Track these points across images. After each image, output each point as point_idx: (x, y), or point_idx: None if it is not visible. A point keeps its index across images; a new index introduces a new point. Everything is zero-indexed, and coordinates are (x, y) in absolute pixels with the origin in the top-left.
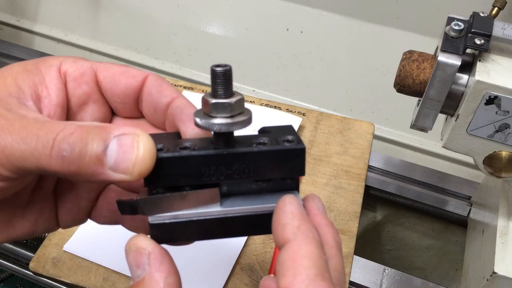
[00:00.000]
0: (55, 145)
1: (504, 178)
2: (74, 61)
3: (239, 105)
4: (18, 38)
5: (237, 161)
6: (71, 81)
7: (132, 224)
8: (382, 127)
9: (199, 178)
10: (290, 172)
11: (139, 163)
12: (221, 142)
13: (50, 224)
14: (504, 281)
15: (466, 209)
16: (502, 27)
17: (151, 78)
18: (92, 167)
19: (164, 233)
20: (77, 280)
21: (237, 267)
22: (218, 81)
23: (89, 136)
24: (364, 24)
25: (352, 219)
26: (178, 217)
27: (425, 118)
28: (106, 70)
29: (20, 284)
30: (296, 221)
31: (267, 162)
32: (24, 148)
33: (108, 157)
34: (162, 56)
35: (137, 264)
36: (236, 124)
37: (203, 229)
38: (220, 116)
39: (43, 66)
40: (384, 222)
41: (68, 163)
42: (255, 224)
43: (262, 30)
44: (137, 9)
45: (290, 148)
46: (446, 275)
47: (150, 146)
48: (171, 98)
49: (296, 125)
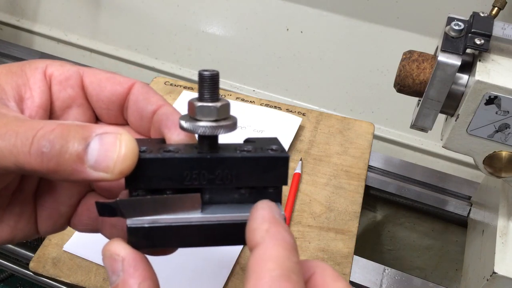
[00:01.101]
0: (34, 142)
1: (504, 178)
2: (60, 64)
3: (224, 110)
4: (18, 38)
5: (220, 166)
6: (56, 84)
7: (112, 232)
8: (382, 127)
9: (181, 182)
10: (273, 181)
11: (120, 162)
12: (205, 146)
13: (30, 230)
14: (504, 281)
15: (466, 209)
16: (502, 27)
17: (138, 86)
18: (72, 165)
19: (142, 238)
20: (77, 280)
21: (237, 267)
22: (205, 85)
23: (70, 134)
24: (364, 24)
25: (352, 219)
26: (158, 221)
27: (425, 118)
28: (93, 75)
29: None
30: (266, 224)
31: (250, 168)
32: (2, 145)
33: (89, 155)
34: (162, 56)
35: (112, 270)
36: (221, 128)
37: (183, 235)
38: (205, 119)
39: (28, 69)
40: (384, 222)
41: (48, 160)
42: (235, 233)
43: (262, 30)
44: (137, 9)
45: (274, 156)
46: (446, 275)
47: (132, 145)
48: (157, 105)
49: (296, 125)
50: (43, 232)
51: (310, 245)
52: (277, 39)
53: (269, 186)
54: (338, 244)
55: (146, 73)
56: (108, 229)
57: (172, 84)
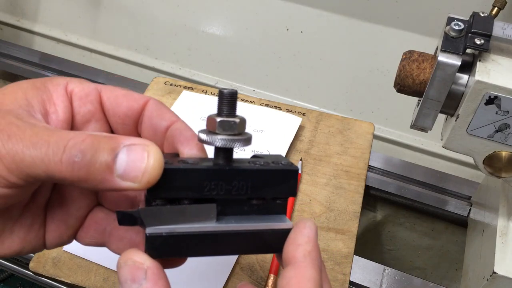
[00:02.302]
0: (66, 151)
1: (504, 178)
2: (80, 81)
3: (242, 126)
4: (18, 38)
5: (236, 178)
6: (77, 100)
7: (119, 246)
8: (382, 127)
9: (200, 192)
10: (283, 192)
11: (149, 172)
12: (221, 159)
13: (38, 242)
14: (504, 281)
15: (466, 209)
16: (502, 27)
17: (152, 103)
18: (101, 174)
19: (160, 246)
20: (77, 280)
21: (237, 267)
22: (224, 102)
23: (99, 145)
24: (364, 24)
25: (352, 219)
26: (175, 230)
27: (425, 118)
28: (110, 92)
29: (20, 284)
30: (310, 246)
31: (264, 180)
32: (34, 154)
33: (118, 165)
34: (162, 56)
35: (132, 279)
36: (239, 141)
37: (199, 244)
38: (224, 133)
39: (50, 85)
40: (384, 222)
41: (78, 169)
42: (249, 242)
43: (262, 30)
44: (137, 9)
45: (286, 168)
46: (446, 275)
47: (159, 156)
48: (170, 121)
49: (296, 125)
50: (50, 245)
51: None
52: (277, 39)
53: (279, 197)
54: (338, 244)
55: (146, 73)
56: (115, 242)
57: (172, 84)
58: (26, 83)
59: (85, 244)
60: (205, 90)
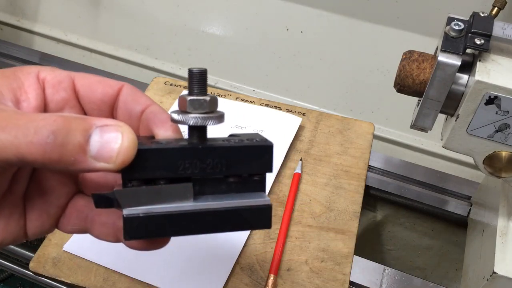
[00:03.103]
0: (37, 133)
1: (504, 178)
2: (52, 69)
3: (213, 103)
4: (18, 38)
5: (210, 155)
6: (50, 88)
7: (102, 231)
8: (382, 127)
9: (175, 171)
10: (259, 168)
11: (123, 152)
12: (195, 138)
13: (19, 232)
14: (504, 281)
15: (466, 209)
16: (502, 27)
17: (127, 88)
18: (74, 155)
19: (138, 227)
20: (77, 280)
21: (237, 267)
22: (194, 81)
23: (71, 125)
24: (364, 24)
25: (352, 219)
26: (153, 211)
27: (425, 118)
28: (84, 79)
29: (20, 284)
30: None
31: (238, 157)
32: (3, 137)
33: (91, 146)
34: (162, 56)
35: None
36: (211, 119)
37: (177, 224)
38: (196, 112)
39: (21, 73)
40: (384, 222)
41: (50, 151)
42: (227, 220)
43: (262, 30)
44: (137, 9)
45: (260, 144)
46: (446, 275)
47: (132, 136)
48: (145, 105)
49: (296, 125)
50: (31, 234)
51: (310, 245)
52: (277, 39)
53: (256, 173)
54: (338, 244)
55: (146, 73)
56: (98, 228)
57: (172, 84)
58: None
59: (67, 232)
60: None
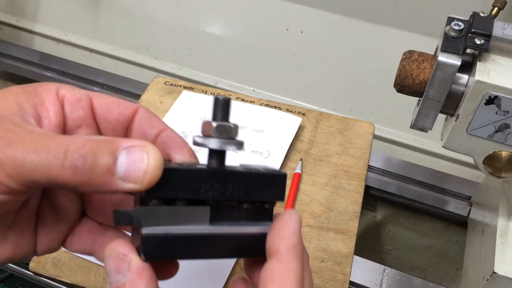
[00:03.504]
0: (67, 156)
1: (504, 178)
2: (71, 88)
3: (235, 130)
4: (18, 38)
5: (231, 180)
6: (68, 105)
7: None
8: (382, 127)
9: (196, 193)
10: (272, 196)
11: (150, 172)
12: (214, 162)
13: (30, 248)
14: (504, 281)
15: (466, 209)
16: (502, 27)
17: (142, 110)
18: (103, 177)
19: (156, 247)
20: (77, 280)
21: (237, 267)
22: (219, 108)
23: (99, 148)
24: (364, 24)
25: (352, 219)
26: (172, 231)
27: (425, 118)
28: (101, 99)
29: (20, 284)
30: (294, 239)
31: (256, 184)
32: (36, 159)
33: (119, 167)
34: (162, 56)
35: (117, 270)
36: (233, 144)
37: (193, 246)
38: (219, 137)
39: (41, 90)
40: (384, 222)
41: (80, 174)
42: (243, 245)
43: (262, 30)
44: (137, 9)
45: (276, 173)
46: (446, 275)
47: (158, 156)
48: (159, 129)
49: (296, 125)
50: (40, 251)
51: (310, 245)
52: (277, 39)
53: (268, 201)
54: (338, 244)
55: (146, 73)
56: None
57: (172, 84)
58: (16, 88)
59: (72, 251)
60: (205, 90)
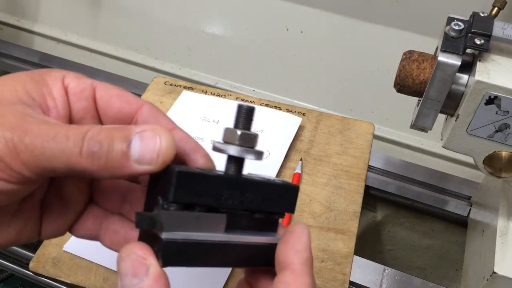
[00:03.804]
0: (85, 143)
1: (504, 178)
2: (77, 76)
3: (256, 140)
4: (18, 38)
5: (251, 189)
6: (72, 95)
7: (113, 239)
8: (382, 127)
9: (218, 200)
10: (284, 208)
11: (163, 152)
12: (232, 169)
13: (34, 233)
14: (504, 281)
15: (466, 209)
16: (502, 27)
17: (147, 108)
18: (119, 161)
19: (174, 253)
20: (77, 280)
21: (235, 271)
22: (242, 116)
23: (114, 134)
24: (364, 24)
25: (352, 219)
26: (190, 237)
27: (425, 118)
28: (104, 90)
29: (20, 284)
30: (307, 253)
31: (273, 194)
32: (54, 147)
33: (133, 151)
34: (162, 56)
35: (134, 273)
36: (253, 153)
37: (209, 254)
38: (241, 145)
39: (49, 78)
40: (384, 222)
41: (98, 159)
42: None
43: (262, 30)
44: (137, 9)
45: (291, 185)
46: (446, 275)
47: (170, 136)
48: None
49: (296, 125)
50: (45, 236)
51: None
52: (277, 39)
53: (279, 212)
54: (338, 244)
55: (146, 73)
56: (109, 236)
57: (172, 84)
58: (24, 75)
59: (79, 237)
60: (205, 90)
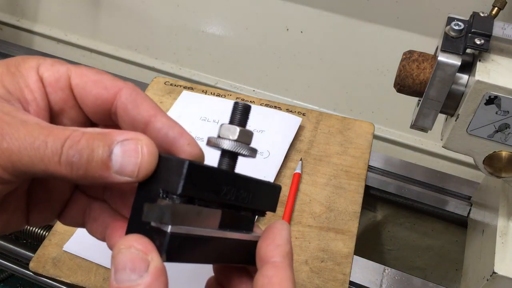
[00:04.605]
0: (63, 152)
1: (504, 178)
2: (51, 64)
3: (252, 138)
4: (18, 38)
5: (245, 185)
6: (48, 86)
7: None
8: (382, 127)
9: (218, 194)
10: (268, 206)
11: (144, 166)
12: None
13: (21, 223)
14: (504, 281)
15: (466, 209)
16: (502, 27)
17: (125, 92)
18: (98, 171)
19: (178, 247)
20: (77, 280)
21: None
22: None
23: (94, 143)
24: (364, 24)
25: (352, 219)
26: (192, 232)
27: (425, 118)
28: (80, 77)
29: (20, 284)
30: (288, 247)
31: (261, 193)
32: (33, 154)
33: (113, 161)
34: (162, 56)
35: (133, 268)
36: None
37: (206, 249)
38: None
39: (24, 69)
40: (384, 222)
41: (77, 169)
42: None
43: (262, 30)
44: (137, 9)
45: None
46: (446, 275)
47: (153, 148)
48: (149, 116)
49: (296, 125)
50: (32, 224)
51: (310, 245)
52: (277, 39)
53: (264, 210)
54: (338, 244)
55: (146, 73)
56: (90, 223)
57: (172, 84)
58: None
59: (66, 224)
60: (205, 90)
